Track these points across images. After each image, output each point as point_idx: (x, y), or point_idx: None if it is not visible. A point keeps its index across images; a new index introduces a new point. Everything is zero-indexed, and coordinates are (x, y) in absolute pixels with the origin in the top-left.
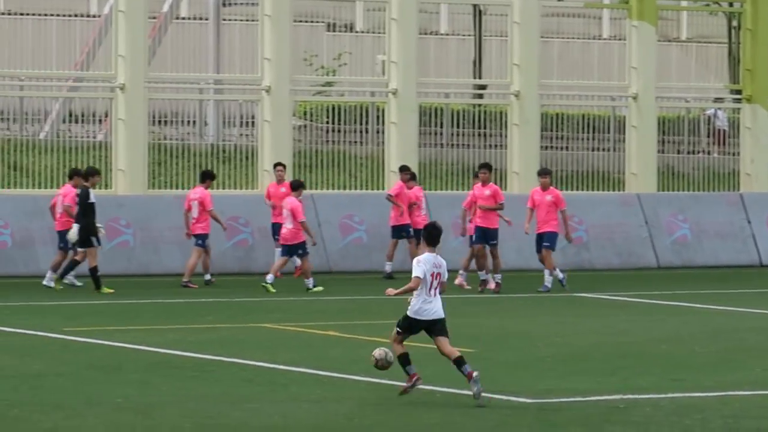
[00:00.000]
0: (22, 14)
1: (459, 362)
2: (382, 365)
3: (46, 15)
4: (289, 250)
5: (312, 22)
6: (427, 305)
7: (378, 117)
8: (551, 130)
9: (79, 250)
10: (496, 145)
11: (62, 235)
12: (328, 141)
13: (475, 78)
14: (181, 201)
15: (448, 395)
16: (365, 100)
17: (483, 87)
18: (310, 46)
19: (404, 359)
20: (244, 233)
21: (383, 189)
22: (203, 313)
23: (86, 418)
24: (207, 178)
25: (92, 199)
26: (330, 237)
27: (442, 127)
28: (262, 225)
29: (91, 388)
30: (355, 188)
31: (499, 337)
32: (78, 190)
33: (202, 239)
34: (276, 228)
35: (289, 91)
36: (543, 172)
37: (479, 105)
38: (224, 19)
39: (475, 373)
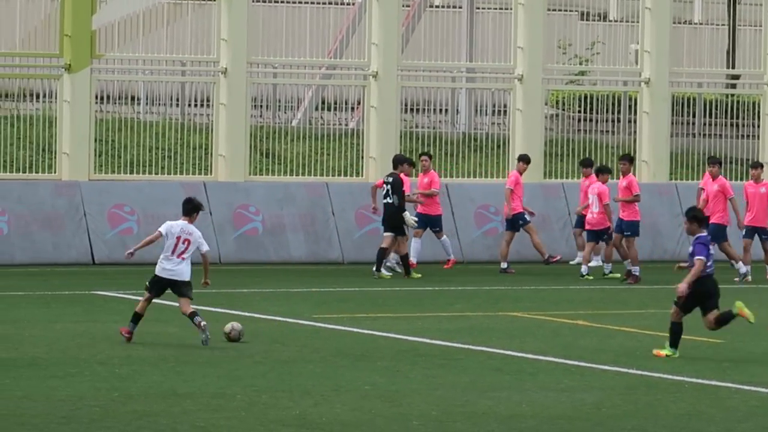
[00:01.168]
0: (276, 2)
1: (192, 316)
2: (233, 337)
3: (300, 2)
4: (596, 235)
5: (565, 10)
6: (168, 264)
7: (630, 106)
8: None
9: (385, 234)
10: (748, 135)
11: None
12: (579, 130)
13: (728, 68)
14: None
15: (696, 385)
16: (617, 90)
17: (736, 77)
18: (562, 34)
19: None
20: (493, 222)
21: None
22: (452, 301)
23: (334, 404)
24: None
25: (404, 186)
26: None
27: (694, 116)
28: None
29: (339, 375)
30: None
31: (750, 328)
32: (389, 178)
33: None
34: (421, 217)
35: (541, 79)
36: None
37: (732, 95)
38: (477, 8)
39: (203, 323)
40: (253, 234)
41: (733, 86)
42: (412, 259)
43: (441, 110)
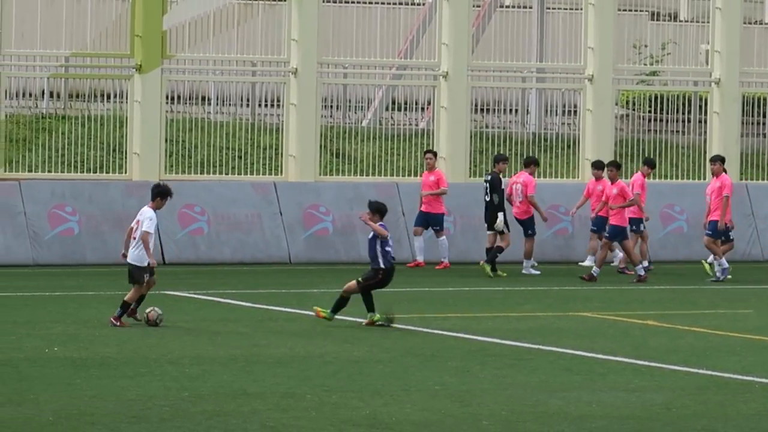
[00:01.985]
0: (346, 2)
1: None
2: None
3: (370, 3)
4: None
5: (636, 10)
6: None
7: (700, 106)
8: None
9: (489, 233)
10: None
11: (525, 222)
12: (650, 130)
13: None
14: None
15: (766, 386)
16: (688, 90)
17: None
18: (633, 34)
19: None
20: (564, 222)
21: (703, 179)
22: (522, 301)
23: (404, 404)
24: (531, 163)
25: (503, 185)
26: (651, 227)
27: (764, 117)
28: (582, 213)
29: (409, 375)
30: (676, 178)
31: None
32: (487, 176)
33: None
34: (420, 215)
35: (611, 79)
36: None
37: None
38: (548, 8)
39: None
40: (324, 234)
41: None
42: (419, 258)
43: (511, 110)
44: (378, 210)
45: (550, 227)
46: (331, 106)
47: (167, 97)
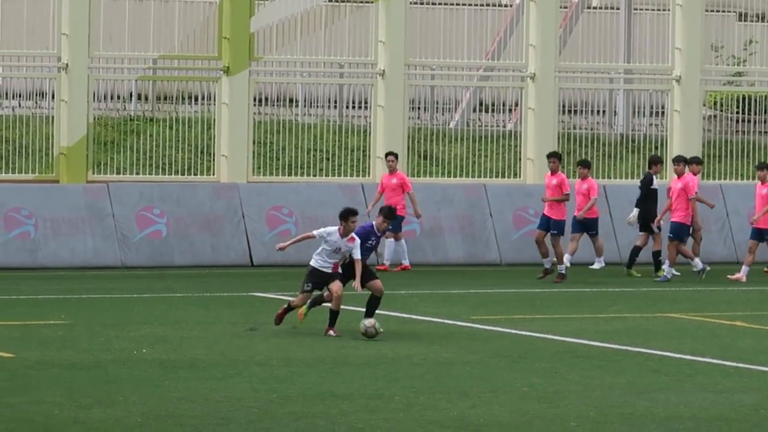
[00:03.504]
0: (434, 3)
1: None
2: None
3: (457, 4)
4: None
5: (723, 11)
6: None
7: None
8: None
9: (640, 234)
10: None
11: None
12: (737, 131)
13: None
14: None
15: None
16: None
17: None
18: (720, 35)
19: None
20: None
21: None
22: (609, 302)
23: (492, 406)
24: (694, 162)
25: (655, 185)
26: (735, 227)
27: None
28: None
29: (497, 376)
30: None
31: None
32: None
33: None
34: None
35: (699, 80)
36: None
37: None
38: (635, 9)
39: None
40: (411, 236)
41: None
42: (386, 262)
43: (598, 111)
44: (392, 214)
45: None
46: (419, 108)
47: (255, 99)
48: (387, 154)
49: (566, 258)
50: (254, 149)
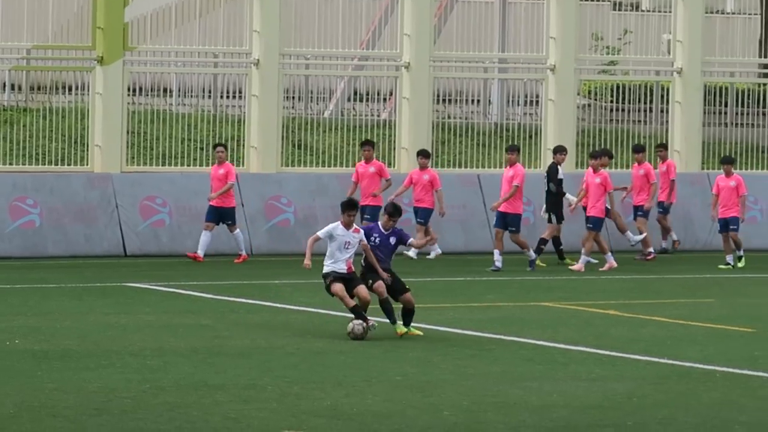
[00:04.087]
0: None
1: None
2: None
3: None
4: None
5: (598, 0)
6: None
7: (662, 96)
8: None
9: (548, 224)
10: None
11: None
12: (611, 120)
13: (761, 57)
14: (464, 179)
15: (727, 375)
16: (650, 79)
17: None
18: (594, 24)
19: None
20: (526, 212)
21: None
22: (484, 291)
23: (365, 395)
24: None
25: (560, 175)
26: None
27: (726, 106)
28: (540, 203)
29: (370, 365)
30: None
31: None
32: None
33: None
34: (217, 211)
35: (573, 70)
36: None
37: (765, 84)
38: None
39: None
40: (285, 225)
41: (766, 75)
42: (200, 252)
43: (473, 101)
44: (397, 211)
45: None
46: (293, 98)
47: (129, 89)
48: (216, 146)
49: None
50: (128, 139)
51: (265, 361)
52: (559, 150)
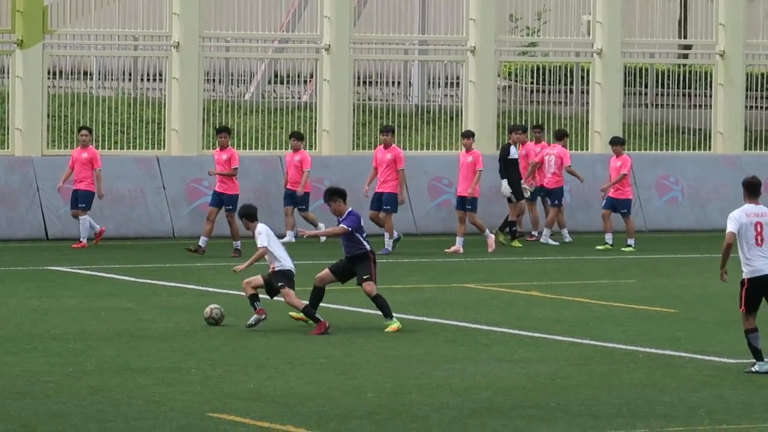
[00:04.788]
0: None
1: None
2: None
3: None
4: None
5: None
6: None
7: (582, 77)
8: (756, 90)
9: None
10: (700, 105)
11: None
12: (532, 101)
13: (680, 38)
14: None
15: (650, 355)
16: (570, 61)
17: (688, 47)
18: (513, 5)
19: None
20: (446, 194)
21: (587, 150)
22: (406, 273)
23: (288, 377)
24: (564, 136)
25: (513, 154)
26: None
27: (646, 87)
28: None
29: (293, 348)
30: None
31: (702, 298)
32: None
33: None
34: (75, 194)
35: (494, 51)
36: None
37: (684, 65)
38: None
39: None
40: (205, 209)
41: (686, 56)
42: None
43: (394, 83)
44: (337, 193)
45: (433, 199)
46: (214, 80)
47: (49, 72)
48: (80, 129)
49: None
50: (49, 122)
51: (188, 344)
52: (513, 129)
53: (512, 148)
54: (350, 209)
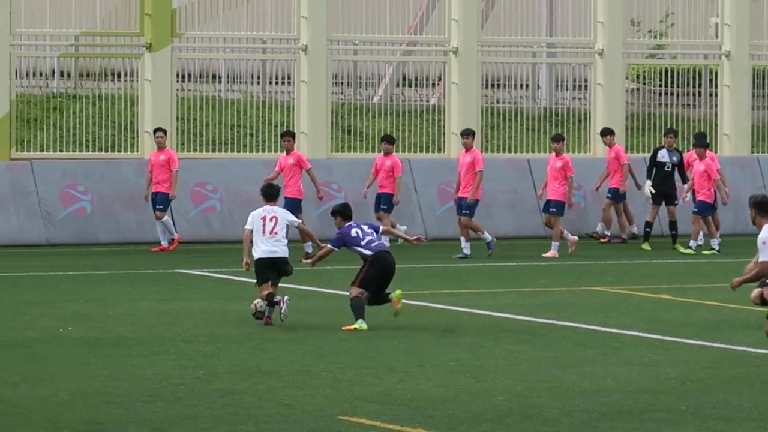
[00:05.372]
0: None
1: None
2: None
3: None
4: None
5: None
6: (265, 245)
7: (711, 80)
8: None
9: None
10: None
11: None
12: (660, 104)
13: None
14: (513, 164)
15: None
16: (698, 63)
17: None
18: (641, 9)
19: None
20: (575, 196)
21: (716, 152)
22: (535, 276)
23: (419, 381)
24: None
25: (660, 158)
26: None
27: None
28: (593, 187)
29: (423, 351)
30: (687, 151)
31: None
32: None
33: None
34: (155, 197)
35: (621, 54)
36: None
37: None
38: None
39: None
40: None
41: None
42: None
43: (521, 85)
44: (336, 211)
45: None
46: (342, 83)
47: (178, 76)
48: (155, 131)
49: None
50: (177, 126)
51: (318, 347)
52: (666, 133)
53: (661, 152)
54: (347, 224)
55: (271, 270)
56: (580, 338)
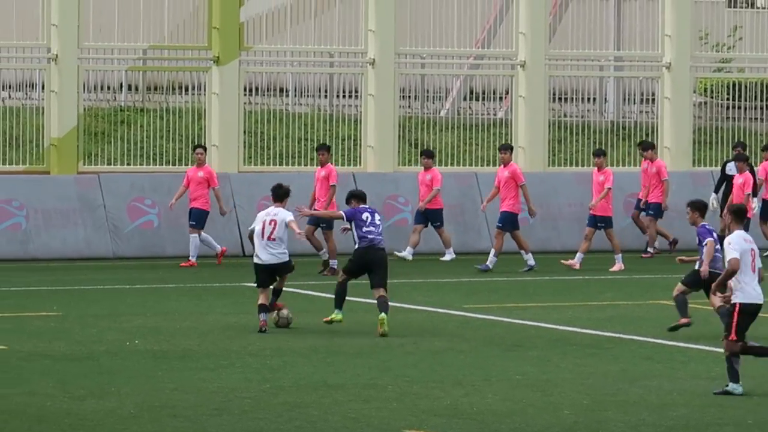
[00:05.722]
0: None
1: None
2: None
3: None
4: None
5: None
6: (263, 253)
7: None
8: None
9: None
10: None
11: None
12: (728, 118)
13: None
14: (580, 178)
15: None
16: (766, 77)
17: None
18: (709, 22)
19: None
20: (643, 211)
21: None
22: (602, 290)
23: (485, 394)
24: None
25: (729, 171)
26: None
27: None
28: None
29: (490, 364)
30: (756, 165)
31: None
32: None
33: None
34: (189, 212)
35: (689, 67)
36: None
37: None
38: None
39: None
40: (403, 225)
41: None
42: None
43: (589, 99)
44: (353, 196)
45: (629, 215)
46: (409, 97)
47: (245, 89)
48: (195, 147)
49: (408, 251)
50: (245, 139)
51: (384, 361)
52: (733, 147)
53: (729, 164)
54: (363, 206)
55: (268, 276)
56: (646, 352)
